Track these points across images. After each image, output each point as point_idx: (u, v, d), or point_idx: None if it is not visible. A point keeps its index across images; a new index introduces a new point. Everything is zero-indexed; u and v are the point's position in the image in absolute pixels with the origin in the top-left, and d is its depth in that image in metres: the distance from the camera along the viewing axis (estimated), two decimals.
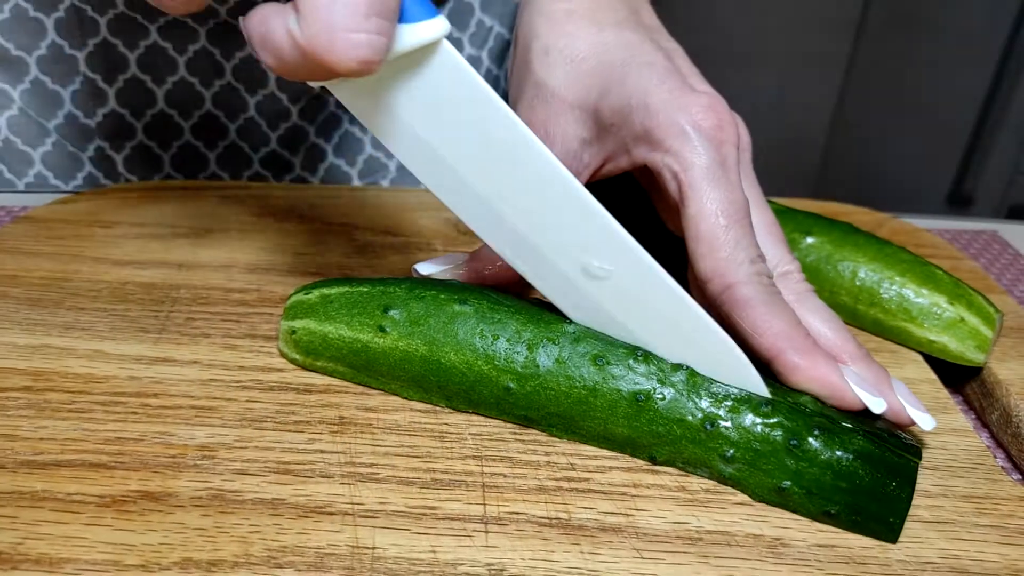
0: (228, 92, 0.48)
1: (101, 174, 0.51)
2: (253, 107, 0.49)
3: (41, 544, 0.25)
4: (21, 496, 0.27)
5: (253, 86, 0.48)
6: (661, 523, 0.27)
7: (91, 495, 0.27)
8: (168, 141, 0.50)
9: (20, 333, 0.34)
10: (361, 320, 0.31)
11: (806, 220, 0.39)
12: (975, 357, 0.34)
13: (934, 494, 0.29)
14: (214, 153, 0.51)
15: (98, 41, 0.47)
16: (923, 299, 0.35)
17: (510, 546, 0.26)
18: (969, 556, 0.26)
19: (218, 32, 0.47)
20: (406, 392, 0.31)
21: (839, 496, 0.27)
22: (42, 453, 0.29)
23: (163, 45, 0.47)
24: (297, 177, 0.52)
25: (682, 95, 0.30)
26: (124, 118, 0.49)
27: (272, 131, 0.50)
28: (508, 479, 0.29)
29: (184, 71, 0.48)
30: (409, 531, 0.26)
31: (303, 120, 0.50)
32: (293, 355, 0.33)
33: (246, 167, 0.52)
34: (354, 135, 0.52)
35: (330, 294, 0.32)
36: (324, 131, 0.51)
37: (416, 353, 0.30)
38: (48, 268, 0.39)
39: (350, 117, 0.52)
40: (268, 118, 0.49)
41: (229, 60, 0.47)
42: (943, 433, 0.31)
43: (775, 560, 0.26)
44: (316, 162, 0.52)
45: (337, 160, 0.53)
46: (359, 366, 0.32)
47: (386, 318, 0.31)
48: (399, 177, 0.54)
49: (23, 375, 0.32)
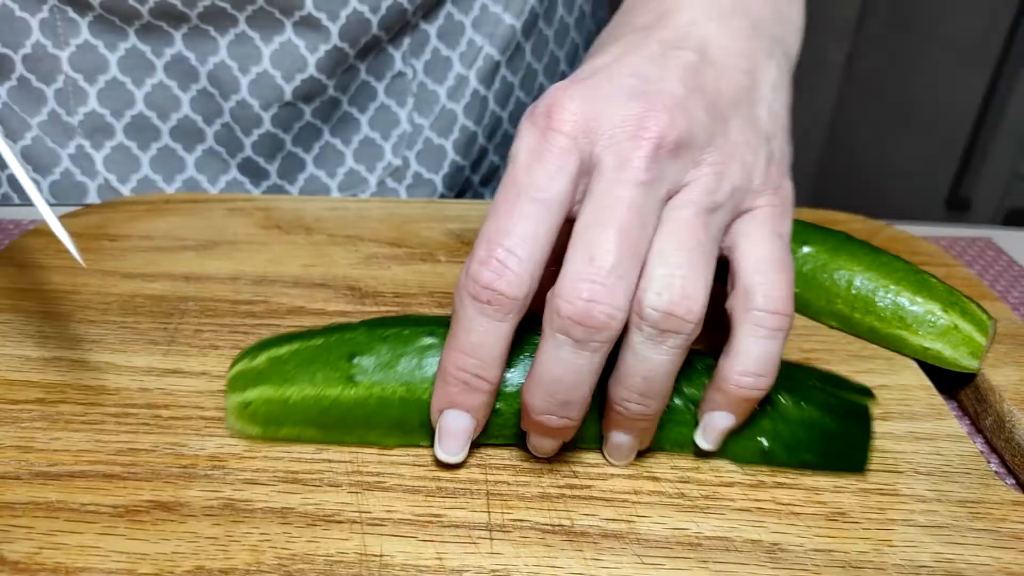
0: (203, 97, 0.49)
1: (78, 171, 0.51)
2: (227, 112, 0.49)
3: (57, 553, 0.26)
4: (37, 507, 0.28)
5: (226, 92, 0.49)
6: (661, 529, 0.28)
7: (105, 505, 0.28)
8: (147, 143, 0.51)
9: (32, 346, 0.35)
10: (325, 374, 0.29)
11: (802, 230, 0.39)
12: (969, 364, 0.35)
13: (929, 499, 0.29)
14: (192, 156, 0.52)
15: (80, 42, 0.48)
16: (918, 307, 0.36)
17: (514, 553, 0.27)
18: (963, 560, 0.27)
19: (192, 37, 0.47)
20: (384, 440, 0.30)
21: (813, 445, 0.29)
22: (56, 464, 0.29)
23: (141, 48, 0.48)
24: (274, 186, 0.53)
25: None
26: (104, 118, 0.50)
27: (246, 137, 0.50)
28: (511, 487, 0.29)
29: (162, 74, 0.49)
30: (416, 538, 0.27)
31: (277, 128, 0.50)
32: (250, 430, 0.30)
33: (223, 172, 0.52)
34: (335, 147, 0.53)
35: (281, 354, 0.30)
36: (302, 141, 0.51)
37: (394, 396, 0.29)
38: (58, 281, 0.39)
39: (330, 129, 0.52)
40: (241, 124, 0.50)
41: (203, 64, 0.48)
42: (938, 439, 0.32)
43: (773, 565, 0.27)
44: (295, 172, 0.53)
45: (317, 171, 0.53)
46: (330, 424, 0.30)
47: (353, 366, 0.29)
48: (379, 192, 0.54)
49: (36, 387, 0.33)
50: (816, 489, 0.30)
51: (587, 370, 0.26)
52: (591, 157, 0.27)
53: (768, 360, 0.28)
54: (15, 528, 0.27)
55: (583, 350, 0.26)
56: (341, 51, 0.48)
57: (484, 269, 0.26)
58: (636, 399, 0.28)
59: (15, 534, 0.27)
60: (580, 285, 0.25)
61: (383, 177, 0.54)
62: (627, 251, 0.26)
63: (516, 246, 0.26)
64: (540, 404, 0.27)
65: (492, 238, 0.26)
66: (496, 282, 0.26)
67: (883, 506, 0.29)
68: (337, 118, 0.52)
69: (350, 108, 0.52)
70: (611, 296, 0.25)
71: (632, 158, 0.26)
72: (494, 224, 0.27)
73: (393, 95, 0.52)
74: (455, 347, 0.27)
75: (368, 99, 0.52)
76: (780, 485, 0.30)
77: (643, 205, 0.26)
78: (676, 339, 0.26)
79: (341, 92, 0.51)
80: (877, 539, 0.28)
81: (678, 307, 0.26)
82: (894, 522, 0.28)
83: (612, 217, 0.26)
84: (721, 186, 0.27)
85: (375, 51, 0.50)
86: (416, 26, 0.51)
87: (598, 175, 0.27)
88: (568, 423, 0.28)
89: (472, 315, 0.27)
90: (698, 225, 0.27)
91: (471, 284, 0.26)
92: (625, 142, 0.26)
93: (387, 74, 0.52)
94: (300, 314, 0.38)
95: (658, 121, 0.26)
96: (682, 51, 0.29)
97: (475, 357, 0.27)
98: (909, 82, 1.32)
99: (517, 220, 0.26)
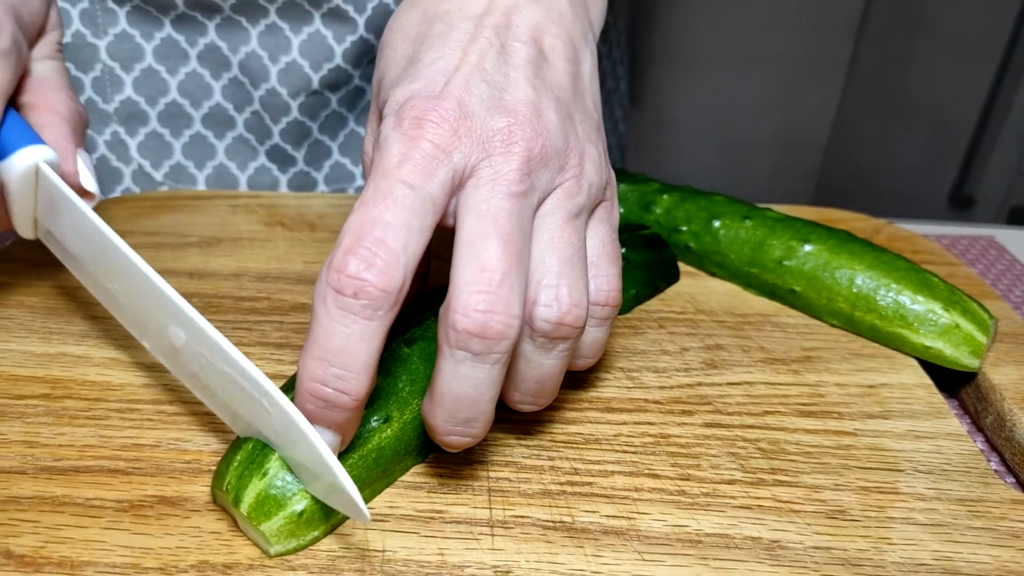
0: (234, 85, 0.50)
1: (114, 157, 0.52)
2: (257, 100, 0.50)
3: (63, 548, 0.26)
4: (43, 501, 0.28)
5: (256, 80, 0.49)
6: (662, 526, 0.28)
7: (109, 500, 0.28)
8: (180, 130, 0.52)
9: (37, 342, 0.35)
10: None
11: (804, 228, 0.39)
12: (970, 363, 0.35)
13: (928, 497, 0.30)
14: (223, 143, 0.52)
15: (118, 31, 0.49)
16: (919, 305, 0.36)
17: (516, 549, 0.27)
18: (962, 558, 0.27)
19: (225, 27, 0.48)
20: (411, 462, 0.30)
21: (639, 278, 0.39)
22: (61, 459, 0.30)
23: (176, 37, 0.49)
24: (300, 172, 0.54)
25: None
26: (139, 105, 0.51)
27: (275, 125, 0.51)
28: (513, 483, 0.29)
29: (195, 63, 0.49)
30: (418, 534, 0.27)
31: (304, 116, 0.51)
32: (310, 533, 0.27)
33: (252, 159, 0.53)
34: (360, 135, 0.54)
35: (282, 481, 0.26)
36: (328, 129, 0.53)
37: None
38: (64, 278, 0.40)
39: (355, 117, 0.53)
40: (270, 112, 0.50)
41: (235, 54, 0.49)
42: (938, 437, 0.32)
43: (773, 562, 0.27)
44: (321, 159, 0.54)
45: (342, 159, 0.54)
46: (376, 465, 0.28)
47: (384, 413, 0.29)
48: None
49: (41, 383, 0.33)
50: (816, 487, 0.30)
51: (487, 383, 0.25)
52: (463, 169, 0.26)
53: (597, 345, 0.30)
54: (21, 522, 0.27)
55: (483, 363, 0.25)
56: (367, 41, 0.49)
57: (351, 258, 0.24)
58: (530, 400, 0.29)
59: (21, 528, 0.27)
60: (475, 297, 0.24)
61: None
62: (514, 261, 0.25)
63: (389, 236, 0.24)
64: (442, 424, 0.26)
65: (361, 226, 0.24)
66: (364, 272, 0.24)
67: (883, 504, 0.29)
68: (362, 107, 0.53)
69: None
70: (506, 306, 0.25)
71: (505, 171, 0.26)
72: (363, 213, 0.25)
73: None
74: (312, 354, 0.24)
75: None
76: (780, 483, 0.30)
77: (520, 215, 0.26)
78: (565, 344, 0.27)
79: (366, 81, 0.52)
80: (876, 537, 0.28)
81: (567, 316, 0.26)
82: (893, 520, 0.29)
83: (495, 229, 0.25)
84: (582, 187, 0.28)
85: None
86: None
87: (473, 187, 0.26)
88: (473, 440, 0.27)
89: (334, 314, 0.24)
90: (570, 230, 0.27)
91: (334, 276, 0.24)
92: (496, 156, 0.26)
93: None
94: (303, 311, 0.38)
95: (524, 134, 0.27)
96: (519, 43, 0.29)
97: (337, 366, 0.24)
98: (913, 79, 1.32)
99: (391, 208, 0.25)
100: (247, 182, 0.53)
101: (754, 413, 0.33)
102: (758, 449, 0.31)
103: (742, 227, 0.41)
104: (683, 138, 1.36)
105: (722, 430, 0.32)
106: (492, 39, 0.29)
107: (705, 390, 0.34)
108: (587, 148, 0.29)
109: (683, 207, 0.42)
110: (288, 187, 0.54)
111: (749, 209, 0.41)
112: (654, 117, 1.33)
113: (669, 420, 0.32)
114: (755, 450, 0.31)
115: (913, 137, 1.36)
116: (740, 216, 0.41)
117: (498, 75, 0.28)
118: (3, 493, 0.28)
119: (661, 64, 1.28)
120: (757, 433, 0.32)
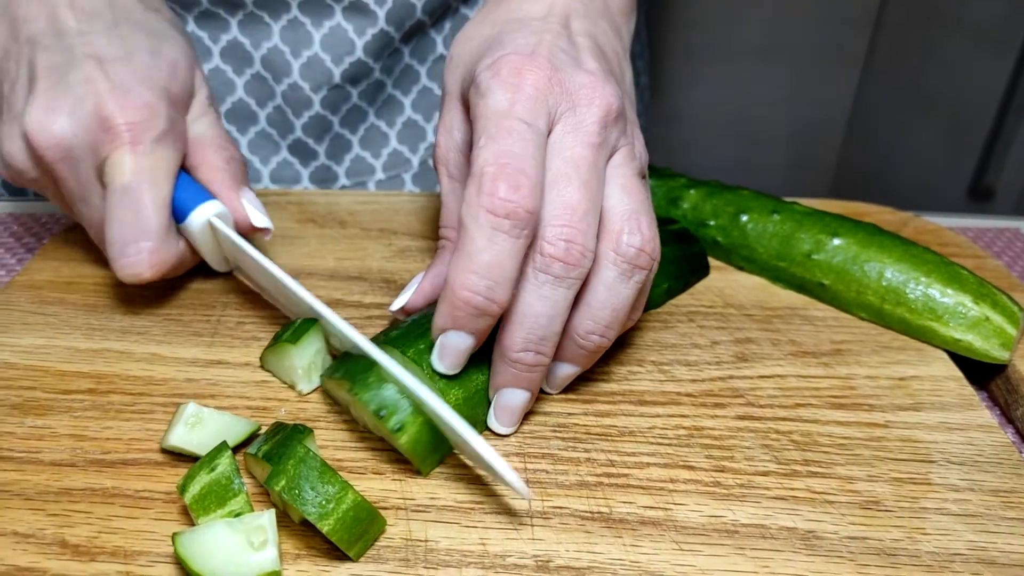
0: (257, 80, 0.51)
1: None
2: (279, 95, 0.51)
3: (115, 538, 0.27)
4: (94, 492, 0.29)
5: (279, 75, 0.50)
6: (698, 516, 0.28)
7: (158, 492, 0.29)
8: None
9: (81, 338, 0.36)
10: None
11: (832, 222, 0.40)
12: (1000, 355, 0.35)
13: (961, 488, 0.30)
14: (246, 138, 0.53)
15: None
16: (948, 299, 0.36)
17: (555, 539, 0.27)
18: (996, 548, 0.28)
19: (247, 23, 0.49)
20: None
21: (671, 273, 0.39)
22: (109, 452, 0.30)
23: (199, 34, 0.49)
24: (322, 166, 0.54)
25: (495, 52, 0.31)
26: None
27: (297, 119, 0.52)
28: (551, 475, 0.30)
29: (218, 59, 0.50)
30: (459, 524, 0.28)
31: (326, 110, 0.52)
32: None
33: (275, 153, 0.54)
34: (380, 129, 0.54)
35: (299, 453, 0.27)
36: (349, 123, 0.53)
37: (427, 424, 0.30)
38: (102, 274, 0.40)
39: (376, 111, 0.53)
40: (293, 106, 0.51)
41: (257, 49, 0.49)
42: (969, 429, 0.32)
43: (808, 552, 0.27)
44: (342, 153, 0.54)
45: (363, 152, 0.55)
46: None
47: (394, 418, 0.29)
48: (421, 172, 0.56)
49: (87, 378, 0.34)
50: (849, 478, 0.30)
51: (563, 305, 0.29)
52: (553, 115, 0.30)
53: (644, 296, 0.33)
54: (75, 513, 0.28)
55: (560, 286, 0.29)
56: (387, 35, 0.50)
57: (500, 184, 0.27)
58: (601, 330, 0.31)
59: (75, 519, 0.28)
60: (561, 229, 0.28)
61: (425, 157, 0.56)
62: (591, 203, 0.29)
63: (525, 165, 0.28)
64: (520, 342, 0.29)
65: (499, 158, 0.28)
66: (513, 194, 0.27)
67: (916, 495, 0.30)
68: (382, 100, 0.53)
69: (394, 91, 0.53)
70: (584, 238, 0.29)
71: (587, 122, 0.30)
72: (495, 147, 0.28)
73: (435, 77, 0.54)
74: (467, 268, 0.28)
75: (411, 81, 0.53)
76: (814, 474, 0.30)
77: (597, 164, 0.30)
78: (641, 275, 0.30)
79: (386, 75, 0.52)
80: (911, 527, 0.28)
81: (648, 243, 0.30)
82: (927, 511, 0.29)
83: (576, 173, 0.29)
84: (635, 155, 0.32)
85: (418, 35, 0.52)
86: (456, 10, 0.53)
87: (560, 133, 0.30)
88: (542, 359, 0.30)
89: (488, 233, 0.27)
90: (639, 184, 0.32)
91: (487, 200, 0.27)
92: (580, 107, 0.30)
93: (429, 57, 0.53)
94: (338, 307, 0.39)
95: (604, 92, 0.30)
96: (580, 37, 0.33)
97: (488, 278, 0.28)
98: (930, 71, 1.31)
99: (518, 141, 0.28)
100: (270, 176, 0.54)
101: (786, 406, 0.33)
102: (791, 441, 0.32)
103: (770, 221, 0.41)
104: (698, 132, 1.36)
105: (755, 422, 0.32)
106: (559, 31, 0.33)
107: (737, 383, 0.34)
108: (638, 128, 0.33)
109: (711, 202, 0.43)
110: (310, 180, 0.55)
111: (776, 203, 0.42)
112: (670, 111, 1.33)
113: (702, 413, 0.33)
114: (788, 442, 0.32)
115: (931, 128, 1.35)
116: (767, 210, 0.41)
117: (571, 50, 0.32)
118: (56, 485, 0.29)
119: (676, 58, 1.28)
120: (790, 425, 0.32)
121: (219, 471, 0.27)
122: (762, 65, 1.30)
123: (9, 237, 0.46)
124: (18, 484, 0.29)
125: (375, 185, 0.55)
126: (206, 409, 0.30)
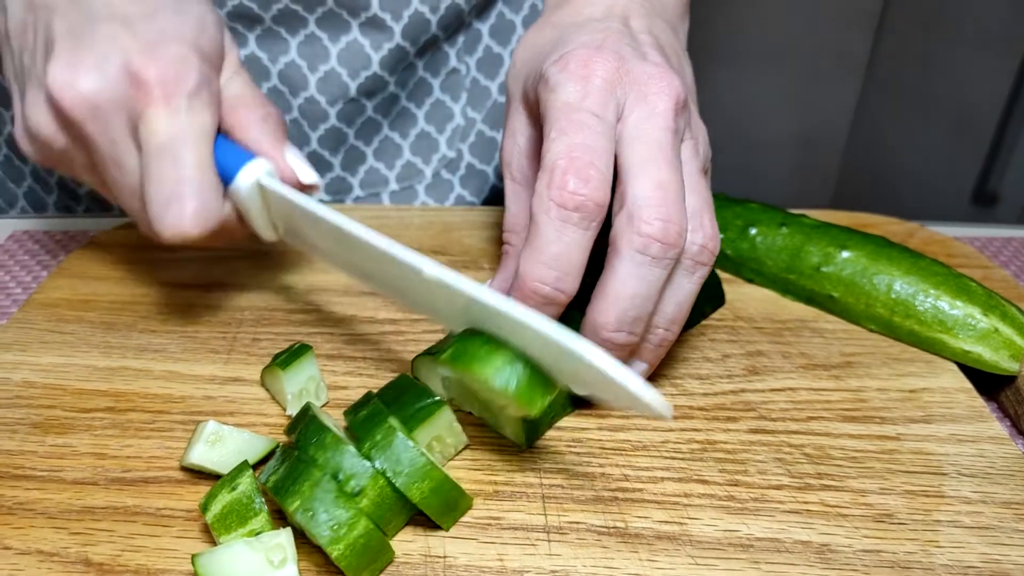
0: (274, 94, 0.51)
1: None
2: (296, 109, 0.51)
3: (138, 556, 0.27)
4: (115, 511, 0.29)
5: (296, 89, 0.51)
6: (713, 531, 0.29)
7: (179, 510, 0.29)
8: None
9: (99, 356, 0.36)
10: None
11: (840, 234, 0.40)
12: (1009, 366, 0.36)
13: (974, 500, 0.30)
14: None
15: None
16: (958, 311, 0.36)
17: (572, 554, 0.28)
18: (1010, 560, 0.28)
19: (265, 38, 0.49)
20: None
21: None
22: (130, 470, 0.31)
23: None
24: (337, 177, 0.55)
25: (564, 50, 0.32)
26: None
27: (313, 132, 0.52)
28: (566, 490, 0.30)
29: None
30: (476, 540, 0.28)
31: (341, 122, 0.52)
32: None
33: None
34: (393, 140, 0.55)
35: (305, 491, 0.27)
36: (364, 135, 0.54)
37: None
38: (118, 292, 0.41)
39: (390, 123, 0.54)
40: (309, 119, 0.52)
41: (275, 64, 0.50)
42: (981, 441, 0.33)
43: (823, 565, 0.28)
44: (356, 164, 0.55)
45: (377, 163, 0.55)
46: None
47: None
48: (434, 183, 0.56)
49: (105, 396, 0.34)
50: (862, 491, 0.30)
51: (656, 287, 0.29)
52: (622, 105, 0.30)
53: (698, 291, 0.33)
54: (97, 531, 0.28)
55: (656, 266, 0.29)
56: (402, 49, 0.50)
57: (570, 177, 0.28)
58: (666, 323, 0.31)
59: (98, 537, 0.28)
60: (658, 209, 0.28)
61: (438, 169, 0.56)
62: (679, 184, 0.29)
63: (595, 158, 0.29)
64: (613, 321, 0.29)
65: (571, 150, 0.29)
66: (583, 188, 0.28)
67: (928, 507, 0.30)
68: (396, 113, 0.54)
69: (408, 103, 0.54)
70: (680, 217, 0.29)
71: (661, 108, 0.30)
72: (567, 140, 0.29)
73: (448, 90, 0.54)
74: (537, 260, 0.29)
75: (425, 94, 0.54)
76: (827, 487, 0.30)
77: (675, 148, 0.30)
78: (703, 271, 0.31)
79: (400, 88, 0.53)
80: (924, 540, 0.29)
81: (711, 241, 0.31)
82: (940, 523, 0.29)
83: (662, 154, 0.29)
84: (699, 152, 0.33)
85: (432, 49, 0.52)
86: (470, 25, 0.54)
87: (636, 120, 0.30)
88: (633, 340, 0.30)
89: (558, 225, 0.28)
90: (702, 180, 0.32)
91: (557, 193, 0.28)
92: (652, 95, 0.30)
93: (442, 71, 0.54)
94: (352, 323, 0.39)
95: (673, 80, 0.31)
96: (642, 34, 0.34)
97: (557, 269, 0.29)
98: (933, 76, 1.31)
99: (588, 135, 0.29)
100: None
101: (798, 419, 0.34)
102: (804, 454, 0.32)
103: (778, 234, 0.41)
104: None
105: (767, 436, 0.33)
106: (621, 28, 0.34)
107: (749, 396, 0.35)
108: (701, 122, 0.34)
109: (719, 214, 0.43)
110: (325, 192, 0.55)
111: (784, 216, 0.42)
112: None
113: (715, 426, 0.33)
114: (801, 455, 0.32)
115: (934, 134, 1.35)
116: (776, 223, 0.42)
117: (635, 45, 0.33)
118: (78, 503, 0.29)
119: None
120: (802, 439, 0.33)
121: (240, 490, 0.28)
122: (764, 70, 1.31)
123: (25, 255, 0.46)
124: (41, 503, 0.29)
125: (388, 196, 0.56)
126: (226, 427, 0.31)
